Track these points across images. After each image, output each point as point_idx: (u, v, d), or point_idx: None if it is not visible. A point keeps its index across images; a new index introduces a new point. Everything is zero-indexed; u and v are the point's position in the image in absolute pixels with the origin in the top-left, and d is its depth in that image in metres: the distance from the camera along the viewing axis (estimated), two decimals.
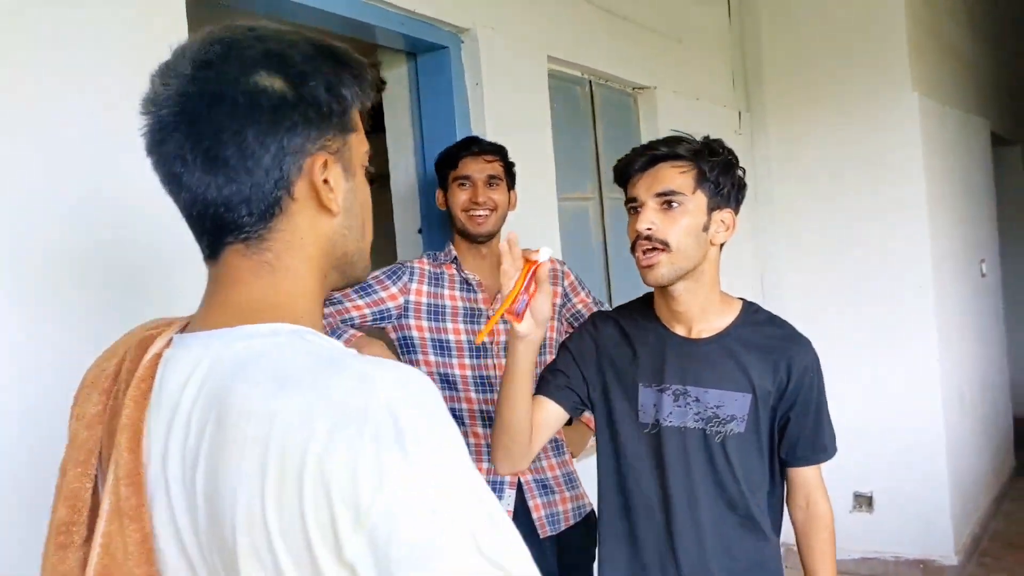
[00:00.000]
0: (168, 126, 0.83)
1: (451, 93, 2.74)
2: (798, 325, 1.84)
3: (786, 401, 1.76)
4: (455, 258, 2.38)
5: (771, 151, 4.77)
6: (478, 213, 2.32)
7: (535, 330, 1.58)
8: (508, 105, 2.86)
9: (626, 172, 1.75)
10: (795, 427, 1.77)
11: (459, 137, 2.74)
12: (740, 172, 1.76)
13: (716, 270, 1.77)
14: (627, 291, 3.41)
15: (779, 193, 4.76)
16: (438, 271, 2.36)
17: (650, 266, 1.68)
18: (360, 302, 2.25)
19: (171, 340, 0.87)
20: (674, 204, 1.67)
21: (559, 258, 2.73)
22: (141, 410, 0.83)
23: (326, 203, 0.86)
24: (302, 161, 0.85)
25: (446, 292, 2.34)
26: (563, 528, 2.33)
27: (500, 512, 0.75)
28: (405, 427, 0.72)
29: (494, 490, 2.27)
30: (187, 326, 0.89)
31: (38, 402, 1.54)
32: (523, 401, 1.67)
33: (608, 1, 3.53)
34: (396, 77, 2.82)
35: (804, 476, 1.83)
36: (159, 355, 0.86)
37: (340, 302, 2.22)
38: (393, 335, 2.33)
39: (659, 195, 1.68)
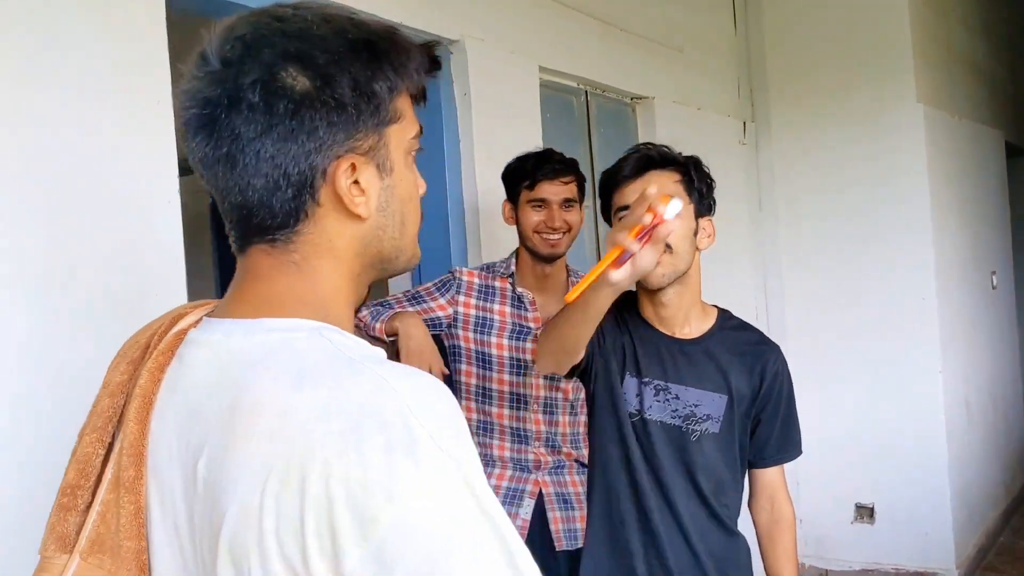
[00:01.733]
0: (193, 126, 0.81)
1: (439, 104, 2.79)
2: (799, 335, 1.92)
3: (759, 404, 1.84)
4: (512, 273, 2.38)
5: (775, 161, 4.78)
6: (551, 237, 2.29)
7: (627, 280, 1.50)
8: (497, 115, 2.91)
9: (615, 179, 1.78)
10: (765, 428, 1.85)
11: (446, 148, 2.80)
12: (713, 182, 1.83)
13: (700, 276, 1.84)
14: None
15: (782, 203, 4.77)
16: (490, 284, 2.37)
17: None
18: (411, 310, 2.29)
19: (200, 320, 0.86)
20: None
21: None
22: (155, 383, 0.83)
23: (352, 208, 0.82)
24: (327, 165, 0.80)
25: (496, 306, 2.36)
26: (580, 545, 2.28)
27: (513, 535, 0.72)
28: (419, 437, 0.69)
29: (514, 499, 2.32)
30: (214, 311, 0.88)
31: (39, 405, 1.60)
32: (587, 331, 1.66)
33: (604, 11, 3.57)
34: None
35: (769, 477, 1.90)
36: (184, 332, 0.85)
37: (391, 306, 2.27)
38: (446, 342, 2.36)
39: None
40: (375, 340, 2.20)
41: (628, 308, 1.88)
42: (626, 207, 1.71)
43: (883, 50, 4.49)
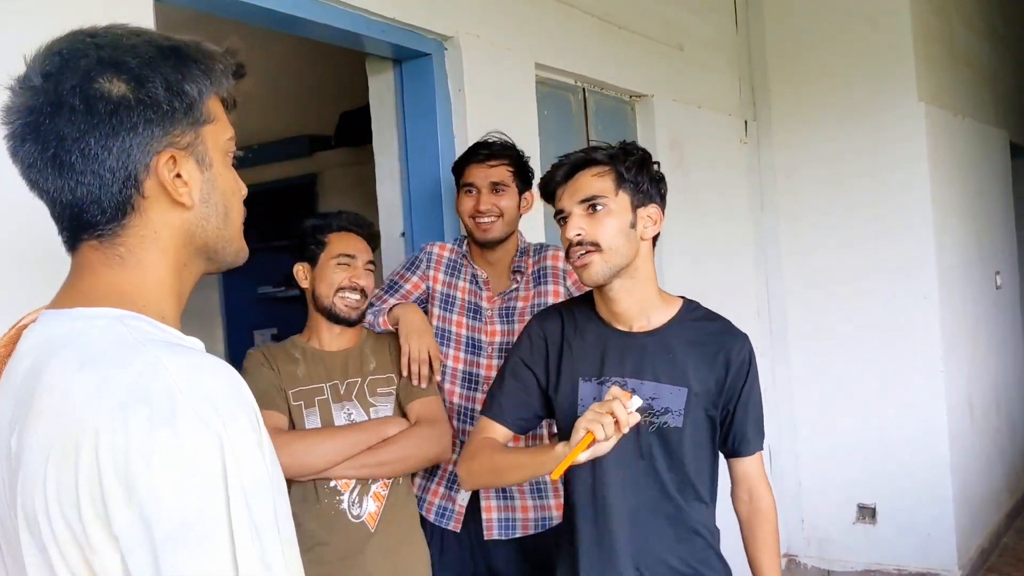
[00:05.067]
0: (19, 136, 0.88)
1: (433, 99, 2.79)
2: (801, 335, 1.91)
3: (727, 395, 1.81)
4: (465, 253, 2.43)
5: (776, 160, 4.77)
6: (483, 220, 2.34)
7: (586, 458, 1.59)
8: (492, 112, 2.90)
9: (550, 187, 1.82)
10: (738, 418, 1.83)
11: (440, 143, 2.80)
12: (656, 167, 1.81)
13: (650, 266, 1.83)
14: None
15: (783, 202, 4.75)
16: (457, 259, 2.42)
17: (584, 265, 1.74)
18: (392, 300, 2.33)
19: (39, 315, 0.93)
20: (598, 207, 1.74)
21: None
22: None
23: (177, 198, 0.90)
24: (148, 160, 0.88)
25: (459, 283, 2.40)
26: (520, 534, 2.32)
27: (248, 518, 0.78)
28: (181, 411, 0.77)
29: (453, 483, 2.32)
30: (49, 304, 0.95)
31: None
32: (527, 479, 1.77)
33: (602, 8, 3.57)
34: (383, 83, 2.89)
35: (745, 467, 1.88)
36: (24, 327, 0.93)
37: (374, 303, 2.30)
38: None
39: (582, 201, 1.75)
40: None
41: (579, 311, 1.88)
42: (561, 211, 1.78)
43: (884, 49, 4.47)
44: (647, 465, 1.78)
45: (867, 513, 4.59)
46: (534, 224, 3.10)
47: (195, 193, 0.91)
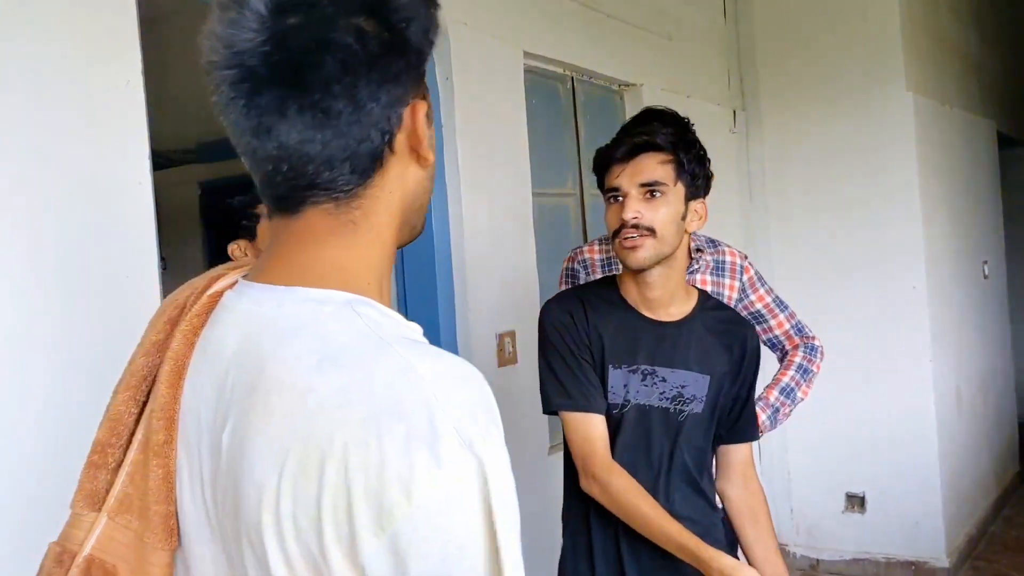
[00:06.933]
0: (261, 78, 0.73)
1: None
2: None
3: (739, 383, 1.86)
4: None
5: (765, 150, 4.76)
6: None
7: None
8: (480, 100, 2.89)
9: (607, 160, 1.80)
10: (741, 404, 1.88)
11: None
12: (709, 163, 1.83)
13: (686, 258, 1.85)
14: None
15: (772, 191, 4.75)
16: (612, 257, 2.27)
17: (634, 247, 1.73)
18: None
19: (236, 282, 0.83)
20: (657, 193, 1.74)
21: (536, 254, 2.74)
22: (187, 346, 0.81)
23: (424, 152, 0.81)
24: (402, 110, 0.78)
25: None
26: None
27: (513, 555, 0.69)
28: (442, 432, 0.67)
29: None
30: (249, 273, 0.84)
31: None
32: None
33: None
34: None
35: (741, 454, 1.92)
36: (219, 293, 0.83)
37: None
38: None
39: (643, 185, 1.74)
40: None
41: (600, 297, 1.86)
42: (615, 189, 1.76)
43: (872, 39, 4.47)
44: (673, 450, 1.80)
45: (856, 502, 4.60)
46: (523, 220, 3.08)
47: (432, 146, 0.82)
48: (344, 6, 0.74)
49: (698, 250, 2.34)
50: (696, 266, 2.32)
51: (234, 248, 2.16)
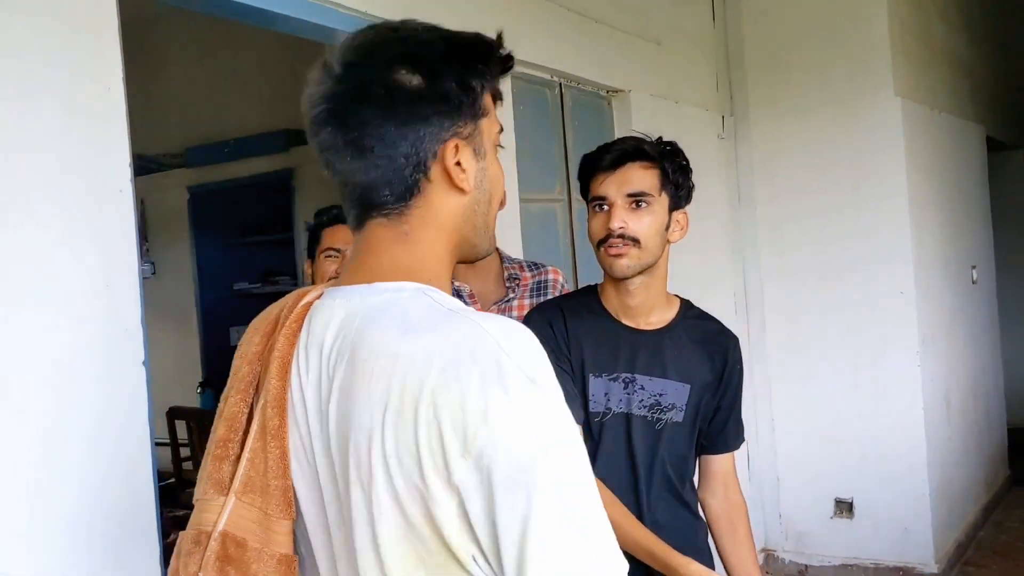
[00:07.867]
0: (322, 120, 0.96)
1: None
2: (778, 329, 1.93)
3: (720, 393, 1.86)
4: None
5: (753, 155, 4.77)
6: None
7: None
8: None
9: (593, 168, 1.81)
10: (724, 415, 1.88)
11: None
12: (691, 174, 1.84)
13: (667, 267, 1.86)
14: None
15: (760, 197, 4.75)
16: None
17: (619, 255, 1.74)
18: None
19: (322, 293, 1.01)
20: (643, 204, 1.76)
21: (521, 257, 2.72)
22: (290, 345, 0.98)
23: (458, 183, 0.98)
24: (436, 147, 0.96)
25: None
26: None
27: (582, 453, 0.87)
28: (507, 371, 0.84)
29: None
30: (338, 281, 1.03)
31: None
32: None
33: (579, 3, 3.54)
34: None
35: (725, 464, 1.92)
36: (310, 304, 1.01)
37: None
38: None
39: (630, 195, 1.75)
40: None
41: (580, 306, 1.87)
42: (601, 197, 1.77)
43: (861, 43, 4.47)
44: (653, 458, 1.81)
45: (844, 507, 4.60)
46: (510, 225, 3.08)
47: (471, 180, 0.99)
48: (384, 64, 0.94)
49: (512, 278, 2.37)
50: (511, 295, 2.35)
51: (306, 267, 2.35)
